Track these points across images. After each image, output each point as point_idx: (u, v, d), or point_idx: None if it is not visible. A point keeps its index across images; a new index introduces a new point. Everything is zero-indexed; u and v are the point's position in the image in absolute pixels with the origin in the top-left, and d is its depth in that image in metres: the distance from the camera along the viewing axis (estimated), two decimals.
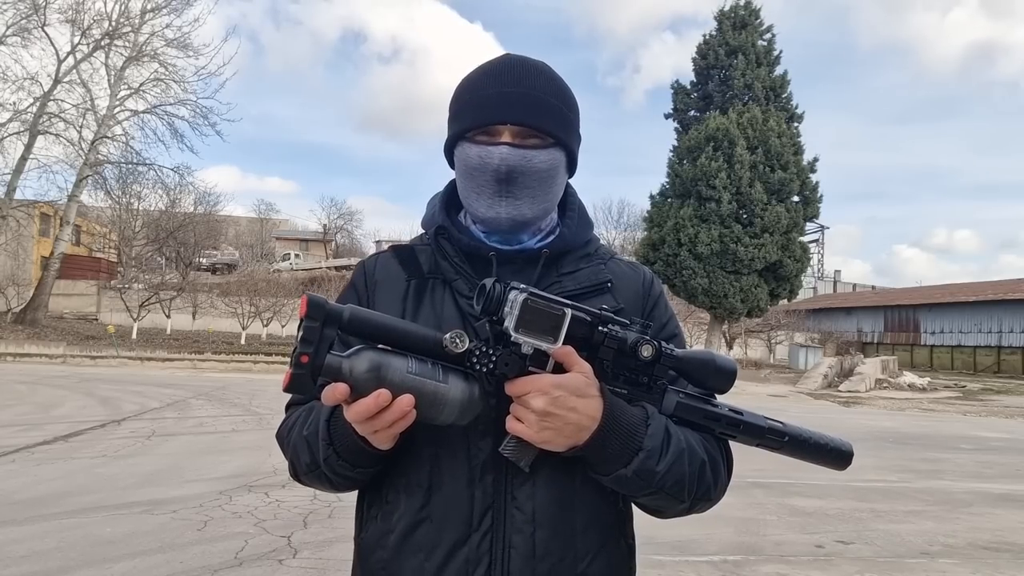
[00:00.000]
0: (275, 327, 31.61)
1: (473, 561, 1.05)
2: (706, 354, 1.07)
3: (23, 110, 26.51)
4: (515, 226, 1.14)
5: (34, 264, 34.35)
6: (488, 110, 1.11)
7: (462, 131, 1.14)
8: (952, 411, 19.18)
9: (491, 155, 1.10)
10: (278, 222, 64.80)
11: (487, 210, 1.13)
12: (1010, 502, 7.33)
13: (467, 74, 1.18)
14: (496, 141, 1.11)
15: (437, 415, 0.95)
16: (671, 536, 5.25)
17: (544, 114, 1.12)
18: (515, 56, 1.17)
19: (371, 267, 1.22)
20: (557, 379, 0.96)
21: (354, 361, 0.90)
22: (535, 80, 1.13)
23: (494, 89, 1.12)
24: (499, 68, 1.15)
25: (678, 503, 1.07)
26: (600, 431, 0.98)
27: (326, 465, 1.06)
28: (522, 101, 1.11)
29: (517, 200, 1.12)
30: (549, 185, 1.14)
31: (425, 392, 0.93)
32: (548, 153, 1.13)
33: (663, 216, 27.02)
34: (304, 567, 4.47)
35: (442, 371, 0.95)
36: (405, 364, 0.93)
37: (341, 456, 1.03)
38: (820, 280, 63.14)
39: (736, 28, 28.30)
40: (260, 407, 12.51)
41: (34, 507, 5.62)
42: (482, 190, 1.12)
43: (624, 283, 1.21)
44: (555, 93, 1.14)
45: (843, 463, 1.12)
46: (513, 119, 1.10)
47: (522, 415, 0.97)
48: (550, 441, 0.98)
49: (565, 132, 1.15)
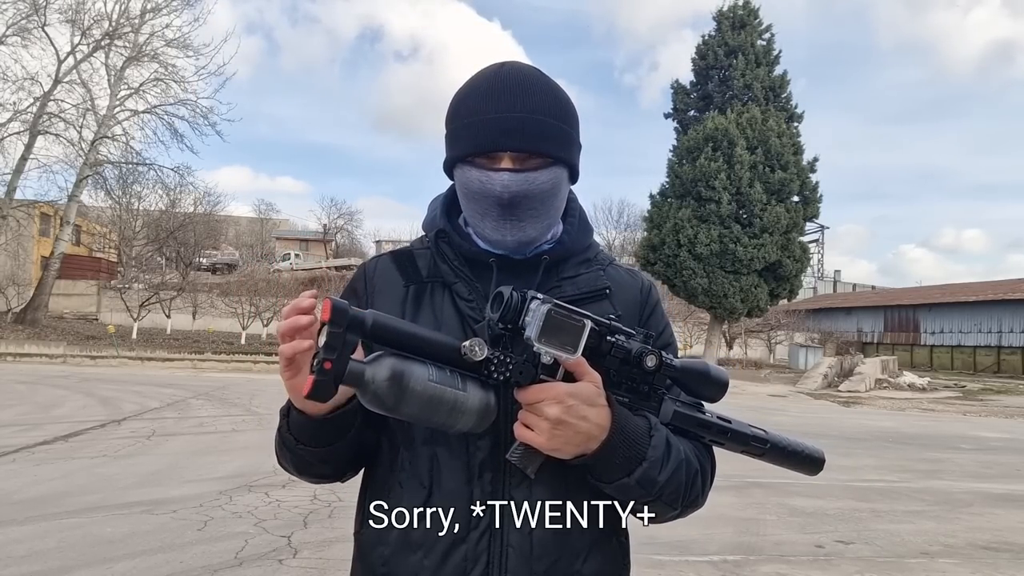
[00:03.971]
0: (275, 327, 31.47)
1: (472, 559, 1.06)
2: (702, 364, 1.10)
3: (23, 110, 26.55)
4: (521, 246, 1.15)
5: (34, 264, 34.35)
6: (487, 137, 1.09)
7: (461, 155, 1.12)
8: (952, 411, 19.18)
9: (493, 181, 1.09)
10: (278, 222, 64.81)
11: (492, 232, 1.13)
12: (1010, 502, 7.33)
13: (461, 88, 1.16)
14: (497, 167, 1.09)
15: (456, 423, 0.96)
16: (671, 536, 5.25)
17: (545, 137, 1.10)
18: (510, 69, 1.13)
19: (371, 270, 1.22)
20: (570, 388, 0.97)
21: (376, 368, 0.91)
22: (533, 100, 1.10)
23: (492, 113, 1.09)
24: (496, 87, 1.11)
25: (671, 510, 1.10)
26: (608, 441, 1.00)
27: (280, 436, 1.09)
28: (522, 126, 1.08)
29: (521, 222, 1.11)
30: (552, 203, 1.14)
31: (446, 400, 0.93)
32: (549, 172, 1.11)
33: (663, 216, 27.01)
34: (304, 567, 4.47)
35: (460, 379, 0.95)
36: (426, 372, 0.93)
37: (291, 428, 1.06)
38: (820, 280, 63.14)
39: (735, 28, 28.28)
40: (260, 407, 12.51)
41: (34, 507, 5.62)
42: (486, 213, 1.12)
43: (622, 290, 1.22)
44: (554, 111, 1.12)
45: (816, 469, 1.17)
46: (513, 147, 1.08)
47: (533, 423, 0.98)
48: (559, 449, 0.98)
49: (566, 150, 1.14)
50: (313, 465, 1.11)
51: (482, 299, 1.12)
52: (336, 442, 1.06)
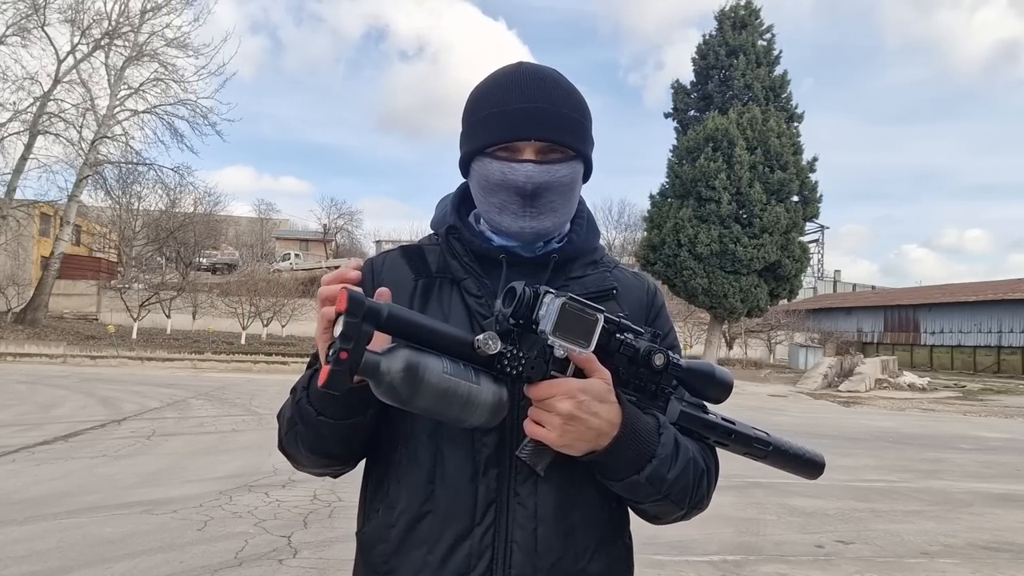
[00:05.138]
0: (275, 327, 31.61)
1: (476, 555, 1.06)
2: (707, 366, 1.11)
3: (23, 110, 26.55)
4: (538, 238, 1.16)
5: (34, 264, 34.34)
6: (511, 126, 1.10)
7: (482, 146, 1.13)
8: (952, 411, 19.19)
9: (516, 172, 1.10)
10: (278, 222, 64.81)
11: (511, 224, 1.14)
12: (1010, 502, 7.33)
13: (481, 84, 1.17)
14: (520, 158, 1.11)
15: (468, 417, 0.95)
16: (671, 536, 5.25)
17: (566, 129, 1.12)
18: (529, 66, 1.16)
19: (379, 265, 1.22)
20: (582, 383, 0.97)
21: (391, 360, 0.90)
22: (554, 93, 1.12)
23: (516, 104, 1.11)
24: (518, 81, 1.13)
25: (678, 510, 1.10)
26: (619, 437, 1.00)
27: (298, 411, 1.07)
28: (545, 116, 1.10)
29: (541, 214, 1.13)
30: (570, 197, 1.16)
31: (460, 393, 0.93)
32: (569, 166, 1.13)
33: (663, 216, 27.01)
34: (304, 567, 4.47)
35: (474, 373, 0.95)
36: (440, 364, 0.93)
37: (311, 398, 1.04)
38: (820, 280, 63.14)
39: (736, 28, 28.29)
40: (260, 407, 12.51)
41: (34, 507, 5.62)
42: (505, 205, 1.13)
43: (628, 291, 1.23)
44: (574, 105, 1.14)
45: (816, 473, 1.17)
46: (538, 135, 1.10)
47: (544, 419, 0.97)
48: (570, 446, 0.98)
49: (584, 144, 1.15)
50: (328, 443, 1.08)
51: (491, 295, 1.12)
52: (358, 415, 1.04)
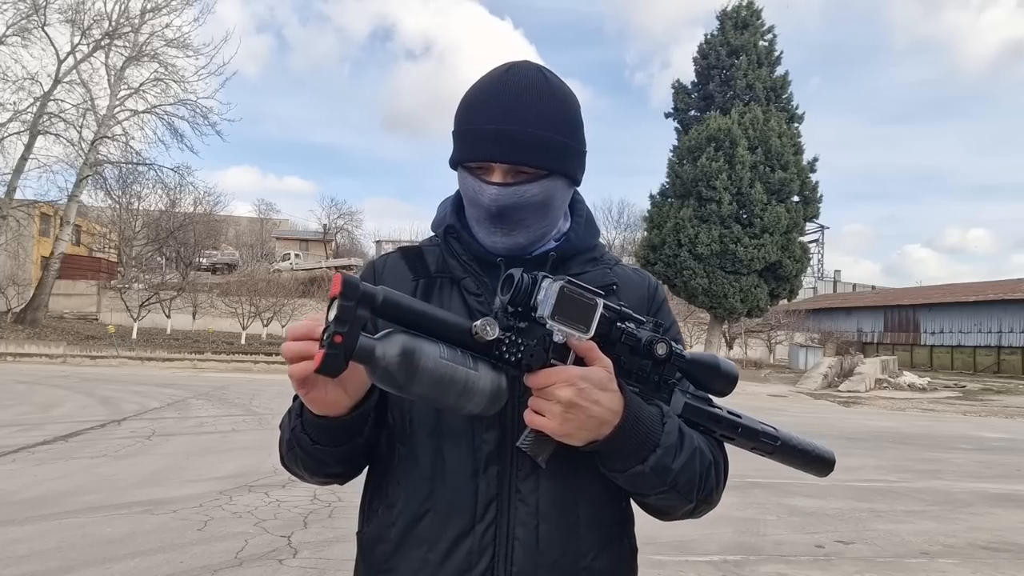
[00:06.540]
0: (275, 327, 31.59)
1: (477, 552, 1.05)
2: (711, 357, 1.08)
3: (23, 110, 26.59)
4: (512, 252, 1.14)
5: (34, 264, 34.35)
6: (482, 148, 1.09)
7: (458, 160, 1.14)
8: (952, 411, 19.19)
9: (483, 193, 1.09)
10: (278, 222, 64.81)
11: (485, 238, 1.14)
12: (1010, 502, 7.33)
13: (469, 91, 1.15)
14: (488, 179, 1.09)
15: (467, 404, 0.94)
16: (671, 536, 5.25)
17: (537, 151, 1.08)
18: (513, 75, 1.11)
19: (380, 266, 1.22)
20: (582, 371, 0.96)
21: (387, 345, 0.89)
22: (531, 112, 1.08)
23: (487, 125, 1.08)
24: (496, 96, 1.10)
25: (686, 503, 1.07)
26: (621, 426, 0.98)
27: (293, 437, 1.07)
28: (514, 140, 1.07)
29: (512, 231, 1.12)
30: (544, 213, 1.13)
31: (457, 379, 0.91)
32: (541, 185, 1.10)
33: (663, 216, 27.03)
34: (304, 567, 4.47)
35: (472, 359, 0.94)
36: (437, 350, 0.91)
37: (305, 428, 1.04)
38: (820, 280, 63.12)
39: (738, 28, 28.31)
40: (260, 407, 12.51)
41: (34, 507, 5.62)
42: (479, 219, 1.13)
43: (629, 287, 1.22)
44: (552, 122, 1.10)
45: (826, 470, 1.14)
46: (504, 159, 1.08)
47: (544, 408, 0.96)
48: (571, 434, 0.97)
49: (561, 161, 1.11)
50: (328, 465, 1.09)
51: (490, 294, 1.11)
52: (354, 439, 1.05)
